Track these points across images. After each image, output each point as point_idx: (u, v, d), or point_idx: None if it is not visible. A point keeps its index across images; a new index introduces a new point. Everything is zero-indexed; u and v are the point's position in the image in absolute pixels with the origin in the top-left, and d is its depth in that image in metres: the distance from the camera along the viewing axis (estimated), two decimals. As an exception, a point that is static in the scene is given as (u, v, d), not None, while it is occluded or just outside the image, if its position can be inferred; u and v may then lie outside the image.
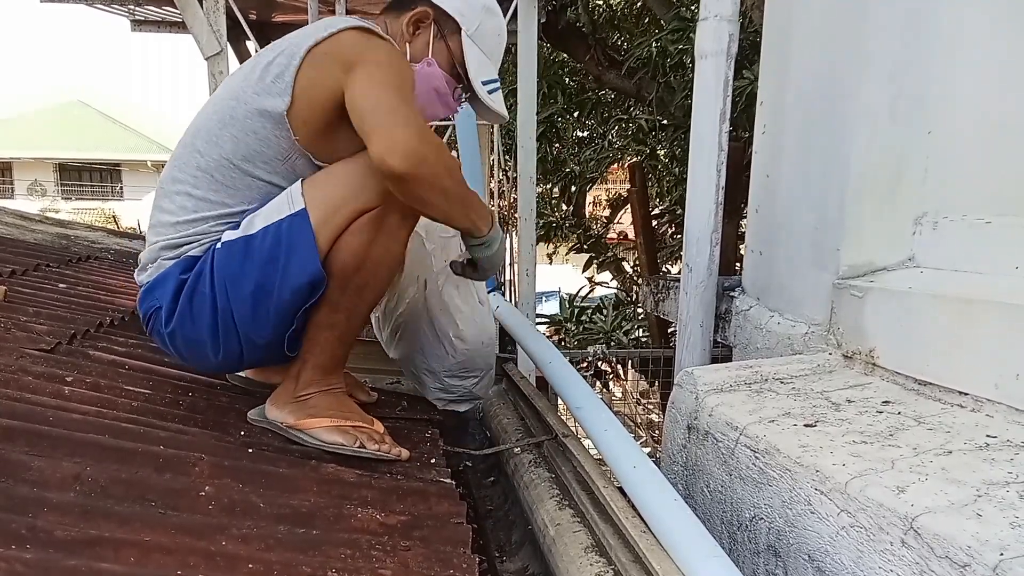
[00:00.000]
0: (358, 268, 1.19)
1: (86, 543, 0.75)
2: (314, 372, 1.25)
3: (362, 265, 1.19)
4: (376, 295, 1.28)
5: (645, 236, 4.85)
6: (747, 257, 1.59)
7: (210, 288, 1.18)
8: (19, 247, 2.34)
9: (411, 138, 1.09)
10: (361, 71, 1.15)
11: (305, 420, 1.22)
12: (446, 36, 1.31)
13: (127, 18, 4.83)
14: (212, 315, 1.18)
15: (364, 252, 1.19)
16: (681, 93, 3.86)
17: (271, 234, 1.16)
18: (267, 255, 1.16)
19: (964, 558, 0.68)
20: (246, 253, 1.17)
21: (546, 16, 4.28)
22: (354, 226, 1.18)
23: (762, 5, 1.56)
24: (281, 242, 1.15)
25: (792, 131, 1.43)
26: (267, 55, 1.21)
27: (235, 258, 1.17)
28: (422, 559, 0.91)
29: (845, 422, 1.00)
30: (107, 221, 17.24)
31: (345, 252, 1.18)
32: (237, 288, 1.17)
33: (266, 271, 1.16)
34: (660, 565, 0.90)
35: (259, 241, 1.16)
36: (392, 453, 1.23)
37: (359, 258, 1.19)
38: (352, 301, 1.22)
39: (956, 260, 1.17)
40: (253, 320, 1.18)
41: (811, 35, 1.37)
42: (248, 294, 1.17)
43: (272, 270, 1.16)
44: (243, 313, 1.18)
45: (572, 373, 1.48)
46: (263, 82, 1.18)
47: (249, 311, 1.18)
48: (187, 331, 1.21)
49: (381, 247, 1.20)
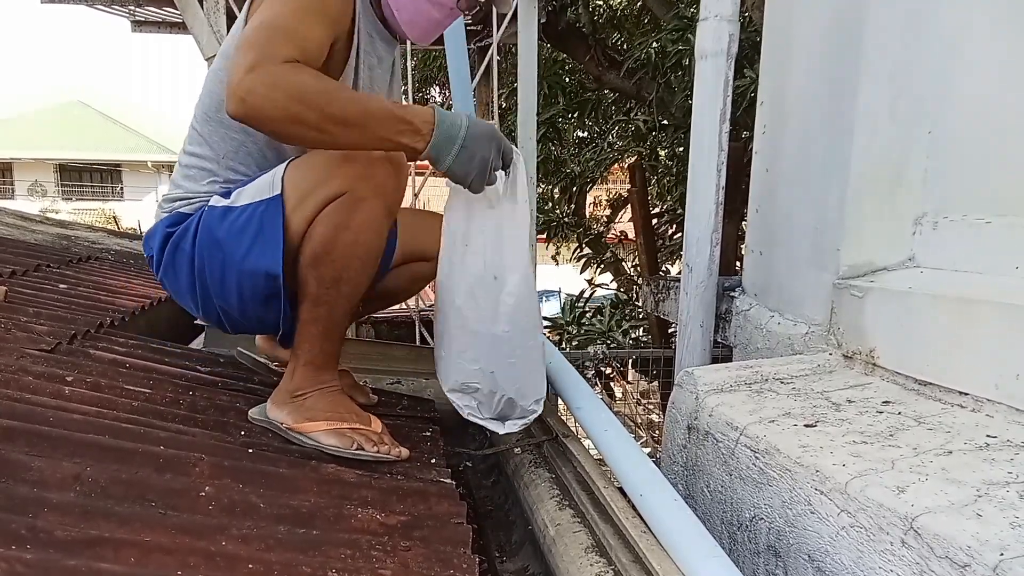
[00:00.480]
0: (329, 258, 1.17)
1: (86, 543, 0.75)
2: (306, 369, 1.25)
3: (332, 255, 1.17)
4: (354, 288, 1.22)
5: (645, 236, 4.85)
6: (747, 257, 1.59)
7: (191, 247, 1.23)
8: (19, 247, 2.35)
9: (241, 78, 0.99)
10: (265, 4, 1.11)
11: (303, 424, 1.22)
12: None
13: (127, 19, 4.83)
14: (190, 273, 1.25)
15: (332, 241, 1.16)
16: (681, 93, 3.86)
17: (248, 212, 1.19)
18: (238, 231, 1.19)
19: (964, 558, 0.68)
20: (223, 223, 1.21)
21: (546, 16, 4.28)
22: (322, 215, 1.16)
23: (762, 5, 1.56)
24: (252, 224, 1.18)
25: (792, 131, 1.43)
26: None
27: (215, 224, 1.22)
28: (422, 559, 0.91)
29: (845, 422, 1.00)
30: (107, 222, 17.26)
31: (315, 241, 1.17)
32: (211, 254, 1.22)
33: (232, 246, 1.19)
34: (660, 565, 0.90)
35: (237, 215, 1.20)
36: (392, 454, 1.22)
37: (328, 248, 1.16)
38: (331, 295, 1.20)
39: (956, 260, 1.17)
40: (222, 289, 1.23)
41: (811, 35, 1.37)
42: (218, 262, 1.22)
43: (237, 247, 1.19)
44: (214, 279, 1.23)
45: (572, 373, 1.48)
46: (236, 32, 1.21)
47: (218, 279, 1.23)
48: (171, 283, 1.30)
49: (350, 236, 1.16)
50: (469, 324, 1.27)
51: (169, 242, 1.26)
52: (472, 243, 1.25)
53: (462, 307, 1.26)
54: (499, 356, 1.27)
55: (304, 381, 1.25)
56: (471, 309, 1.26)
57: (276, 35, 1.04)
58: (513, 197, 1.23)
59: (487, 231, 1.24)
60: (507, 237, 1.24)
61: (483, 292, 1.25)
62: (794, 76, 1.42)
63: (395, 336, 3.59)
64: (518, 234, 1.25)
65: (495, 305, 1.25)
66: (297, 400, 1.24)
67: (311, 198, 1.16)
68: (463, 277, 1.26)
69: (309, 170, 1.18)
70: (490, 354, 1.28)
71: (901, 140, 1.21)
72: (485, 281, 1.25)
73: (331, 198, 1.15)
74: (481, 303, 1.26)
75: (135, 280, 2.32)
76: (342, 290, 1.20)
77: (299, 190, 1.16)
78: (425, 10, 1.26)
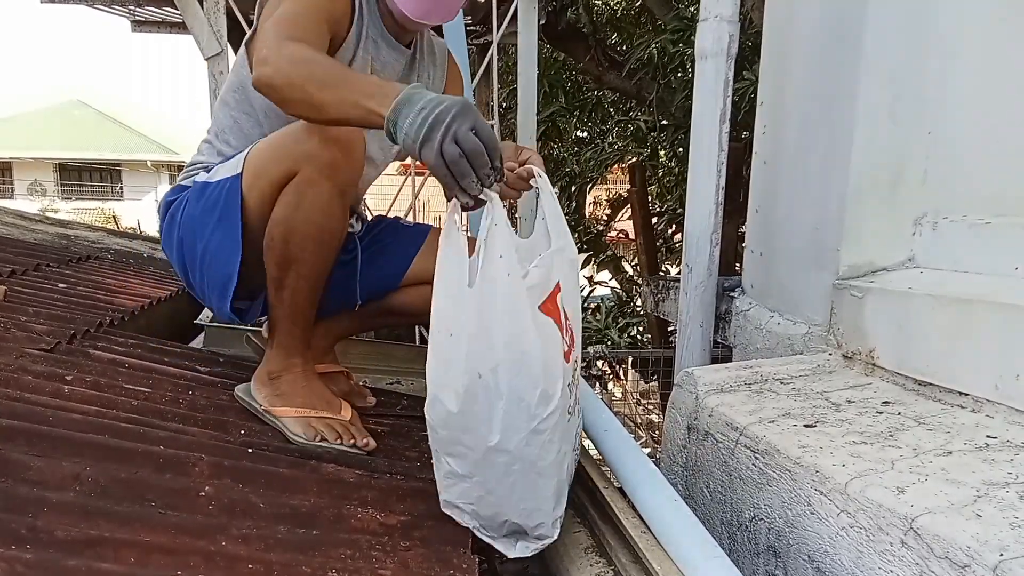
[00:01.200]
0: (283, 241, 1.19)
1: (86, 543, 0.75)
2: (278, 351, 1.29)
3: (286, 237, 1.19)
4: (311, 270, 1.22)
5: (645, 236, 4.85)
6: (747, 257, 1.59)
7: (180, 217, 1.30)
8: (19, 247, 2.34)
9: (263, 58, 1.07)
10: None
11: (276, 408, 1.26)
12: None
13: (127, 19, 4.83)
14: (179, 248, 1.31)
15: (286, 223, 1.18)
16: (681, 93, 3.86)
17: (217, 190, 1.25)
18: (209, 207, 1.24)
19: (964, 559, 0.68)
20: (200, 199, 1.27)
21: (546, 16, 4.28)
22: (280, 197, 1.18)
23: (762, 6, 1.56)
24: (220, 202, 1.24)
25: (792, 131, 1.43)
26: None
27: (194, 199, 1.28)
28: (422, 559, 0.91)
29: (845, 422, 1.00)
30: (107, 221, 17.26)
31: (272, 223, 1.20)
32: (189, 229, 1.28)
33: (204, 222, 1.25)
34: (660, 565, 0.90)
35: (210, 191, 1.26)
36: (359, 444, 1.23)
37: (282, 230, 1.18)
38: (289, 278, 1.22)
39: (956, 260, 1.17)
40: (199, 264, 1.28)
41: (811, 35, 1.37)
42: (192, 238, 1.27)
43: (207, 223, 1.25)
44: (192, 255, 1.29)
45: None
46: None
47: (194, 255, 1.28)
48: (169, 254, 1.37)
49: (301, 216, 1.17)
50: (456, 434, 0.95)
51: (168, 213, 1.34)
52: (456, 329, 0.93)
53: (450, 409, 0.94)
54: (495, 473, 0.95)
55: (276, 363, 1.29)
56: (459, 415, 0.94)
57: (286, 29, 1.11)
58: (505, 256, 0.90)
59: (469, 309, 0.92)
60: (498, 316, 0.91)
61: (474, 393, 0.93)
62: (794, 76, 1.42)
63: (395, 336, 3.59)
64: (515, 309, 0.91)
65: (489, 410, 0.92)
66: (273, 382, 1.28)
67: (263, 178, 1.19)
68: (447, 372, 0.94)
69: (265, 150, 1.21)
70: (484, 470, 0.96)
71: (901, 140, 1.21)
72: (472, 379, 0.92)
73: (281, 177, 1.17)
74: (471, 407, 0.93)
75: (135, 279, 2.32)
76: (300, 271, 1.22)
77: (254, 169, 1.21)
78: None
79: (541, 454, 0.94)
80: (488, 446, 0.93)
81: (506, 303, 0.91)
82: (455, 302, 0.93)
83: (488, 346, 0.91)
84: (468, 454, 0.95)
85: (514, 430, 0.92)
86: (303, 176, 1.16)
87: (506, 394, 0.91)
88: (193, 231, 1.28)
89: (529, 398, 0.92)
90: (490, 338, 0.91)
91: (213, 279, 1.27)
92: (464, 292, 0.92)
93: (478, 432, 0.93)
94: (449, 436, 0.96)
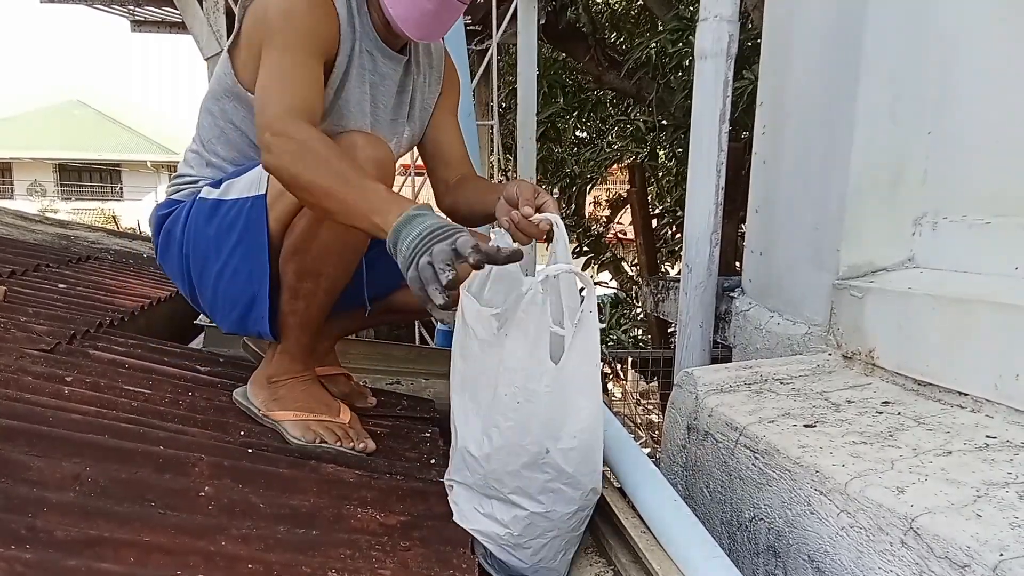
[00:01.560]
0: (308, 253, 1.18)
1: (86, 543, 0.75)
2: (283, 357, 1.29)
3: (310, 249, 1.18)
4: (332, 283, 1.23)
5: (645, 236, 4.85)
6: (747, 257, 1.59)
7: (181, 233, 1.28)
8: (19, 247, 2.34)
9: (265, 124, 1.07)
10: (267, 40, 1.15)
11: (275, 411, 1.27)
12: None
13: (127, 19, 4.84)
14: (181, 261, 1.29)
15: (311, 236, 1.17)
16: (681, 93, 3.85)
17: (236, 208, 1.23)
18: (227, 227, 1.23)
19: (964, 559, 0.68)
20: (213, 218, 1.24)
21: (546, 16, 4.28)
22: (304, 209, 1.17)
23: (762, 5, 1.56)
24: (239, 222, 1.22)
25: (792, 131, 1.43)
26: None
27: (205, 217, 1.25)
28: (422, 559, 0.91)
29: (845, 422, 1.00)
30: (107, 221, 17.26)
31: (295, 235, 1.19)
32: (198, 246, 1.26)
33: (222, 242, 1.23)
34: (660, 565, 0.90)
35: (226, 211, 1.23)
36: (357, 448, 1.23)
37: (307, 242, 1.18)
38: (308, 287, 1.22)
39: (956, 261, 1.17)
40: (204, 280, 1.27)
41: (811, 35, 1.37)
42: (203, 255, 1.25)
43: (226, 243, 1.23)
44: (197, 270, 1.27)
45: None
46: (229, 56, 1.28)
47: (200, 271, 1.27)
48: (167, 267, 1.35)
49: (328, 231, 1.16)
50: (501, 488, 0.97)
51: (163, 228, 1.32)
52: (524, 398, 0.93)
53: (509, 469, 0.96)
54: (531, 533, 0.98)
55: (279, 369, 1.29)
56: (515, 475, 0.96)
57: (284, 92, 1.10)
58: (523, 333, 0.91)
59: (549, 385, 0.92)
60: (578, 401, 0.94)
61: (535, 464, 0.95)
62: (794, 76, 1.42)
63: (395, 336, 3.59)
64: (594, 396, 0.95)
65: (546, 482, 0.95)
66: (272, 386, 1.29)
67: (287, 196, 1.16)
68: (515, 436, 0.94)
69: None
70: (522, 527, 0.98)
71: (901, 140, 1.21)
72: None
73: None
74: (533, 474, 0.96)
75: (134, 280, 2.32)
76: (321, 284, 1.22)
77: (280, 186, 1.17)
78: (417, 2, 1.21)
79: (578, 527, 1.01)
80: (533, 512, 0.96)
81: (588, 387, 0.95)
82: (528, 374, 0.92)
83: (562, 426, 0.93)
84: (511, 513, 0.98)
85: (564, 504, 0.97)
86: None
87: (570, 473, 0.95)
88: (206, 250, 1.25)
89: (587, 483, 0.97)
90: (564, 420, 0.93)
91: (233, 297, 1.24)
92: (546, 366, 0.92)
93: (528, 493, 0.96)
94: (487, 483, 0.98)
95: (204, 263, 1.26)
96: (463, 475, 1.01)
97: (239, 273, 1.22)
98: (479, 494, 1.00)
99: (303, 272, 1.20)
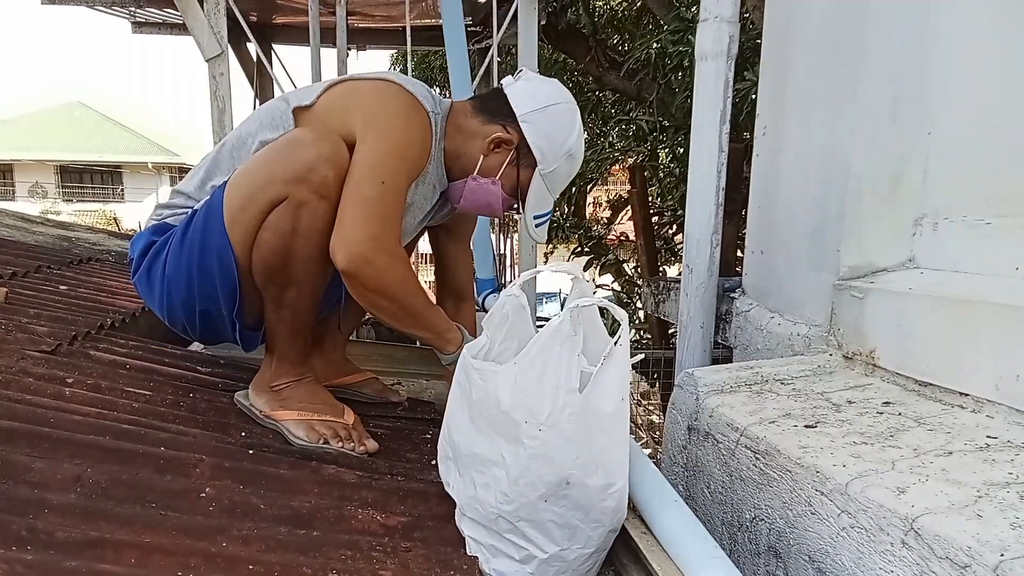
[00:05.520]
0: (282, 265, 1.18)
1: (87, 544, 0.75)
2: (281, 364, 1.30)
3: (284, 261, 1.18)
4: (312, 288, 1.24)
5: (645, 237, 4.85)
6: (747, 258, 1.59)
7: (166, 256, 1.29)
8: (20, 249, 2.34)
9: (362, 240, 1.13)
10: (370, 135, 1.19)
11: (278, 411, 1.28)
12: (520, 165, 1.33)
13: (128, 20, 4.84)
14: (162, 280, 1.29)
15: (282, 248, 1.17)
16: (682, 94, 3.86)
17: (198, 215, 1.25)
18: (195, 229, 1.24)
19: (965, 559, 0.68)
20: (187, 227, 1.26)
21: (546, 17, 4.29)
22: (267, 221, 1.16)
23: (762, 6, 1.56)
24: (200, 221, 1.23)
25: (792, 132, 1.43)
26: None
27: (180, 232, 1.26)
28: (422, 560, 0.91)
29: (845, 423, 1.00)
30: (108, 223, 17.29)
31: (264, 249, 1.18)
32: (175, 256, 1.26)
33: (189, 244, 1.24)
34: (661, 566, 0.90)
35: (190, 218, 1.26)
36: (359, 450, 1.24)
37: (279, 254, 1.17)
38: (291, 297, 1.22)
39: (956, 261, 1.16)
40: (184, 290, 1.27)
41: (811, 35, 1.37)
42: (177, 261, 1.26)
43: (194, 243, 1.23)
44: (179, 282, 1.26)
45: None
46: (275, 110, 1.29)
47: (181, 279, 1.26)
48: (144, 288, 1.34)
49: (299, 241, 1.16)
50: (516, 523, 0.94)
51: (151, 251, 1.31)
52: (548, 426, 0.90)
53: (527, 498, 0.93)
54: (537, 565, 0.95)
55: (280, 374, 1.30)
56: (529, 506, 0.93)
57: (386, 208, 1.17)
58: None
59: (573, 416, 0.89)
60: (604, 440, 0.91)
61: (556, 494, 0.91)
62: (794, 76, 1.42)
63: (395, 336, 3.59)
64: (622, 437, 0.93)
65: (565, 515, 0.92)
66: (274, 389, 1.30)
67: (253, 204, 1.17)
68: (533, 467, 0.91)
69: (248, 176, 1.20)
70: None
71: (901, 140, 1.21)
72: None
73: (269, 205, 1.16)
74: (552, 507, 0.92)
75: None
76: (302, 290, 1.22)
77: (238, 203, 1.18)
78: (485, 202, 1.36)
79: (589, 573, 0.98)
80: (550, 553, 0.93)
81: (616, 427, 0.91)
82: (553, 401, 0.88)
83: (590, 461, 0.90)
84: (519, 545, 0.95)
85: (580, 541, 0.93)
86: (296, 199, 1.14)
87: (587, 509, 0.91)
88: (179, 256, 1.25)
89: (608, 523, 0.94)
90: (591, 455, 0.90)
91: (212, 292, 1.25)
92: (573, 396, 0.88)
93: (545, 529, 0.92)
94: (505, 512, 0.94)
95: (179, 267, 1.26)
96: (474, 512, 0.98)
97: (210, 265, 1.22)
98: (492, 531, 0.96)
99: (284, 283, 1.20)
